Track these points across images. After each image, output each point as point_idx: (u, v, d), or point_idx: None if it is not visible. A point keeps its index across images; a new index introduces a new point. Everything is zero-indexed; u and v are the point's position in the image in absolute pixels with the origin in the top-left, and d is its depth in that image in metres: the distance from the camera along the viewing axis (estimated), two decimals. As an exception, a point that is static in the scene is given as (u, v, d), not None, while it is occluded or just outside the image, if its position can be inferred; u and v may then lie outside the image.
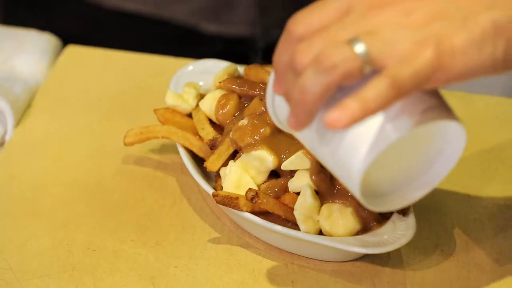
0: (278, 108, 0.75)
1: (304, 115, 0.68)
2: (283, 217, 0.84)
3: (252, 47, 1.29)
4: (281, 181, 0.85)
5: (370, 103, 0.65)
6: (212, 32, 1.27)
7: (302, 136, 0.74)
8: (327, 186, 0.83)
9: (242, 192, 0.83)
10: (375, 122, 0.68)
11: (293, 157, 0.84)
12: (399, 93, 0.65)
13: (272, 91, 0.74)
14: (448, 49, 0.65)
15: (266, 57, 0.98)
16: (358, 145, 0.69)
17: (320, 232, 0.83)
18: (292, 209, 0.83)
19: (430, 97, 0.69)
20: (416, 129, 0.68)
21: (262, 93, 0.89)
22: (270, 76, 0.73)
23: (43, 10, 1.31)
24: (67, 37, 1.15)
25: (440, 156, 0.73)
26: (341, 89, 0.68)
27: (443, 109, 0.69)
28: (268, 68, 0.92)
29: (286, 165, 0.84)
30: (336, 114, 0.65)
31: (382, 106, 0.65)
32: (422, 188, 0.74)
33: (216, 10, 1.26)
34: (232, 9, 1.26)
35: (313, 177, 0.83)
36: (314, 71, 0.66)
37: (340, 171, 0.71)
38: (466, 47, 0.66)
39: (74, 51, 1.12)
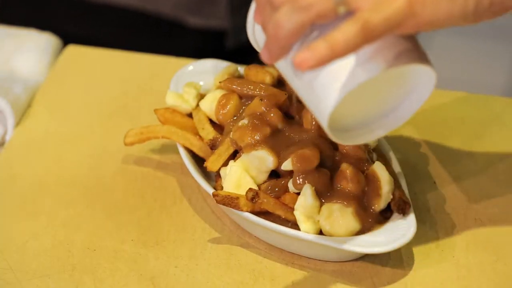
0: (258, 36, 0.79)
1: (277, 49, 0.70)
2: (283, 217, 0.84)
3: (223, 45, 1.30)
4: (281, 181, 0.85)
5: (338, 45, 0.67)
6: (195, 26, 1.28)
7: (279, 67, 0.77)
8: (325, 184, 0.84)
9: (242, 192, 0.83)
10: (348, 61, 0.70)
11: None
12: (369, 37, 0.67)
13: (253, 19, 0.77)
14: None
15: (235, 56, 1.00)
16: (330, 82, 0.71)
17: (320, 232, 0.83)
18: (292, 209, 0.83)
19: (404, 40, 0.71)
20: (387, 71, 0.70)
21: (262, 93, 0.89)
22: (252, 3, 0.77)
23: (43, 10, 1.31)
24: (67, 37, 1.15)
25: (409, 96, 0.75)
26: (317, 29, 0.70)
27: (415, 53, 0.71)
28: (268, 68, 0.92)
29: (286, 165, 0.84)
30: (304, 54, 0.67)
31: (350, 49, 0.67)
32: (388, 126, 0.76)
33: (200, 4, 1.27)
34: (215, 3, 1.28)
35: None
36: (290, 8, 0.69)
37: (312, 104, 0.74)
38: None
39: (74, 51, 1.12)
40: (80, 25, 1.31)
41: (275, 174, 0.86)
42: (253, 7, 0.77)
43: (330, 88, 0.71)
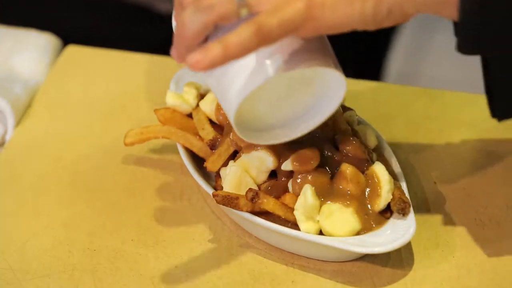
0: None
1: (183, 48, 0.72)
2: (283, 217, 0.84)
3: None
4: (281, 181, 0.85)
5: (232, 48, 0.68)
6: (166, 11, 1.28)
7: None
8: (324, 183, 0.84)
9: (242, 192, 0.83)
10: (252, 60, 0.72)
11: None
12: (264, 39, 0.69)
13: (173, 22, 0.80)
14: (319, 1, 0.69)
15: None
16: (234, 81, 0.73)
17: (320, 232, 0.83)
18: (292, 209, 0.83)
19: (309, 43, 0.72)
20: (288, 73, 0.71)
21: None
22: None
23: (43, 10, 1.31)
24: (67, 37, 1.15)
25: (321, 98, 0.77)
26: (223, 30, 0.72)
27: (319, 56, 0.72)
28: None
29: (286, 165, 0.84)
30: (198, 56, 0.69)
31: (244, 51, 0.69)
32: (301, 128, 0.78)
33: None
34: None
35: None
36: (194, 9, 0.71)
37: (223, 102, 0.76)
38: (336, 1, 0.69)
39: (74, 51, 1.12)
40: (80, 24, 1.31)
41: (275, 174, 0.86)
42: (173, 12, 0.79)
43: (235, 86, 0.73)
